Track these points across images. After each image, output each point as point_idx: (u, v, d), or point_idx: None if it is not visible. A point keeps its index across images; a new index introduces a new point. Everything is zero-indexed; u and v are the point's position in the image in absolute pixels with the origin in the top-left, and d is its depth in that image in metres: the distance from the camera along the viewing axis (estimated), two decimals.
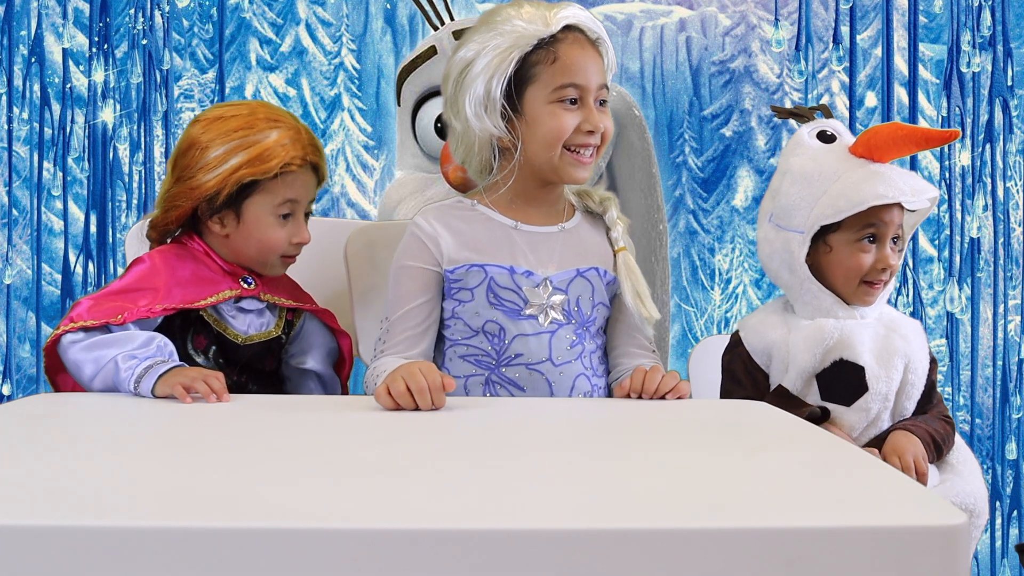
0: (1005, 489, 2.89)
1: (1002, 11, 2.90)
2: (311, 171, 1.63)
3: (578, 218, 1.66)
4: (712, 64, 2.87)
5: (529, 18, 1.56)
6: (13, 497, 0.89)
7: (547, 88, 1.55)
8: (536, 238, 1.60)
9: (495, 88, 1.55)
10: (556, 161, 1.56)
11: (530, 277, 1.57)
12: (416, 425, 1.28)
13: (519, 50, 1.55)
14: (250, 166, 1.57)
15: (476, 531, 0.84)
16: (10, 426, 1.22)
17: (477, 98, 1.55)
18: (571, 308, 1.59)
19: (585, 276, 1.60)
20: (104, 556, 0.81)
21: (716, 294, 2.86)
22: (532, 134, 1.56)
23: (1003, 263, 2.90)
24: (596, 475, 1.04)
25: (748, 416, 1.39)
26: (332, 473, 1.02)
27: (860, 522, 0.87)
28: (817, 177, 1.63)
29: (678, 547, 0.83)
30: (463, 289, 1.57)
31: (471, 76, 1.56)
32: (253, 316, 1.64)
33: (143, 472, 1.01)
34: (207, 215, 1.60)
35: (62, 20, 2.75)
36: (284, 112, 1.65)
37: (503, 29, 1.56)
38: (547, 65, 1.55)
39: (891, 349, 1.64)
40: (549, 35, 1.55)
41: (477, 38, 1.58)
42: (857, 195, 1.59)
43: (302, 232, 1.64)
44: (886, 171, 1.61)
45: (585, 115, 1.56)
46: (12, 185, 2.74)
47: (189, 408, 1.35)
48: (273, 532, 0.82)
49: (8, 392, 2.74)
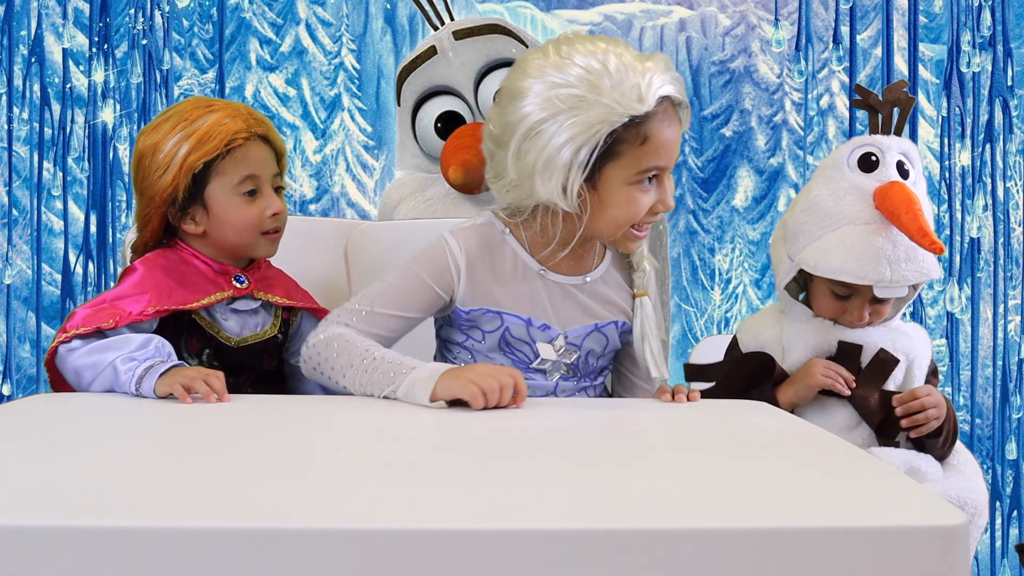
0: (1005, 489, 2.89)
1: (1002, 11, 2.90)
2: (262, 142, 1.61)
3: (607, 263, 1.57)
4: (712, 64, 2.87)
5: (621, 87, 1.39)
6: (13, 497, 0.89)
7: (631, 170, 1.43)
8: (559, 291, 1.52)
9: (580, 163, 1.40)
10: (618, 236, 1.49)
11: (546, 331, 1.51)
12: (416, 425, 1.28)
13: (609, 126, 1.39)
14: (196, 150, 1.56)
15: (476, 531, 0.84)
16: (10, 426, 1.22)
17: (555, 166, 1.41)
18: (579, 363, 1.54)
19: (602, 331, 1.54)
20: (104, 556, 0.81)
21: (716, 294, 2.86)
22: (602, 211, 1.45)
23: (1003, 263, 2.90)
24: (596, 475, 1.04)
25: (748, 416, 1.39)
26: (332, 473, 1.02)
27: (860, 522, 0.87)
28: (821, 216, 1.60)
29: (678, 547, 0.83)
30: (476, 329, 1.52)
31: (548, 139, 1.40)
32: (247, 317, 1.63)
33: (143, 472, 1.01)
34: (177, 218, 1.60)
35: (62, 20, 2.75)
36: (219, 99, 1.66)
37: (588, 97, 1.39)
38: (635, 146, 1.42)
39: (894, 345, 1.64)
40: (643, 112, 1.41)
41: (549, 92, 1.41)
42: (838, 263, 1.56)
43: (273, 203, 1.61)
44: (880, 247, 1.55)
45: (660, 196, 1.46)
46: (12, 185, 2.74)
47: (189, 408, 1.35)
48: (273, 532, 0.82)
49: (8, 392, 2.74)
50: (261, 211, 1.60)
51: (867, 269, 1.55)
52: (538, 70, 1.43)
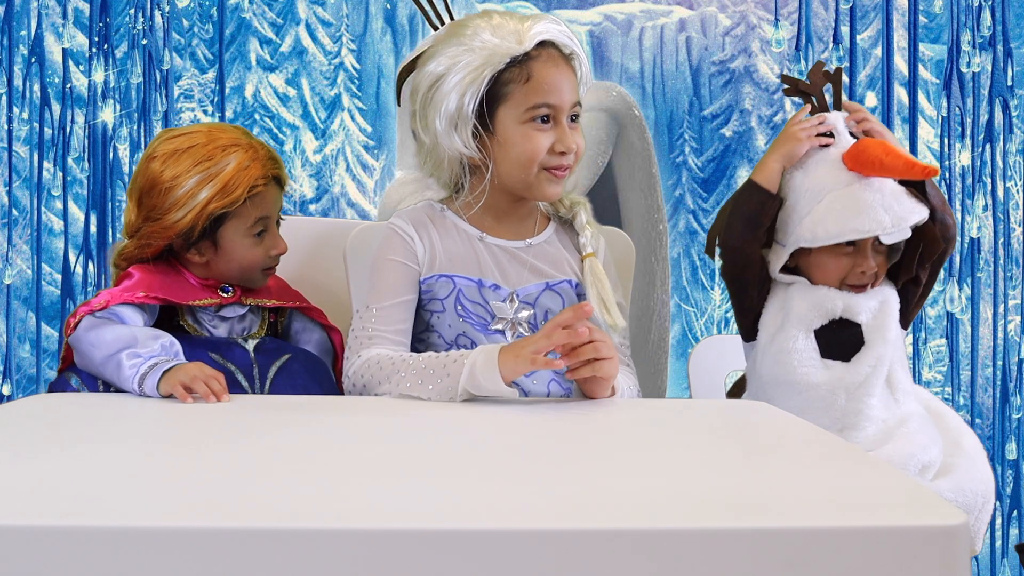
0: (1005, 489, 2.89)
1: (1002, 11, 2.90)
2: (275, 184, 1.64)
3: (550, 230, 1.64)
4: (712, 64, 2.87)
5: (501, 34, 1.52)
6: (13, 497, 0.89)
7: (520, 108, 1.52)
8: (502, 253, 1.59)
9: (467, 106, 1.52)
10: (531, 180, 1.54)
11: (497, 291, 1.56)
12: (415, 426, 1.28)
13: (491, 68, 1.51)
14: (219, 198, 1.57)
15: (476, 531, 0.84)
16: (10, 426, 1.22)
17: (448, 115, 1.53)
18: (539, 322, 1.57)
19: (555, 289, 1.59)
20: (104, 556, 0.81)
21: (716, 294, 2.86)
22: (504, 154, 1.54)
23: (1003, 263, 2.90)
24: (596, 475, 1.04)
25: (749, 416, 1.39)
26: (332, 473, 1.02)
27: (860, 522, 0.87)
28: (804, 193, 1.64)
29: (677, 547, 0.83)
30: (434, 299, 1.57)
31: (442, 92, 1.53)
32: (234, 322, 1.65)
33: (143, 472, 1.01)
34: (183, 249, 1.62)
35: (62, 20, 2.75)
36: (236, 129, 1.65)
37: (474, 45, 1.52)
38: (520, 84, 1.52)
39: (887, 312, 1.67)
40: (522, 53, 1.52)
41: (447, 51, 1.54)
42: (836, 226, 1.61)
43: (278, 243, 1.66)
44: (870, 198, 1.61)
45: (558, 135, 1.53)
46: (12, 185, 2.74)
47: (189, 408, 1.35)
48: (273, 532, 0.82)
49: (8, 392, 2.74)
50: (267, 251, 1.64)
51: (865, 222, 1.60)
52: (440, 40, 1.57)
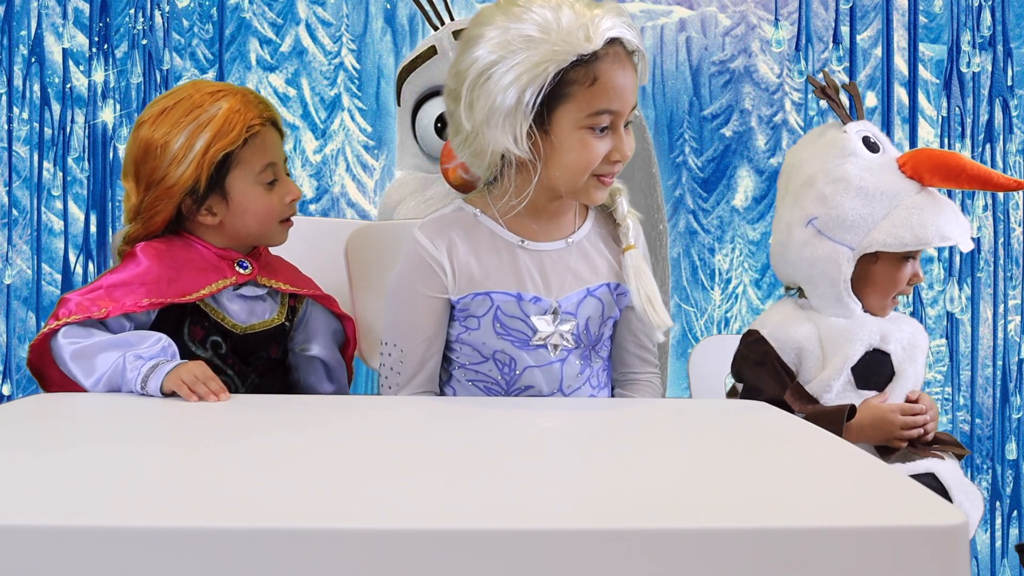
0: (1005, 489, 2.89)
1: (1002, 11, 2.90)
2: (273, 128, 1.61)
3: (590, 222, 1.55)
4: (712, 64, 2.87)
5: (569, 25, 1.39)
6: (13, 497, 0.89)
7: (581, 112, 1.42)
8: (543, 258, 1.50)
9: (527, 104, 1.39)
10: (579, 186, 1.46)
11: (538, 303, 1.49)
12: (416, 425, 1.28)
13: (556, 65, 1.39)
14: (217, 141, 1.54)
15: (476, 531, 0.84)
16: (10, 426, 1.22)
17: (502, 110, 1.40)
18: (580, 332, 1.51)
19: (595, 295, 1.52)
20: (104, 556, 0.81)
21: (716, 294, 2.86)
22: (557, 158, 1.44)
23: (1003, 263, 2.90)
24: (596, 475, 1.04)
25: (748, 416, 1.39)
26: (332, 473, 1.02)
27: (860, 522, 0.87)
28: (878, 196, 1.63)
29: (678, 547, 0.83)
30: (471, 317, 1.50)
31: (496, 83, 1.40)
32: (254, 303, 1.61)
33: (143, 472, 1.01)
34: (194, 210, 1.57)
35: (62, 20, 2.75)
36: (221, 83, 1.64)
37: (536, 37, 1.39)
38: (584, 87, 1.41)
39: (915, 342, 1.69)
40: (591, 52, 1.40)
41: (501, 37, 1.40)
42: (924, 232, 1.62)
43: (291, 189, 1.61)
44: (947, 208, 1.64)
45: (615, 143, 1.44)
46: (12, 185, 2.74)
47: (189, 408, 1.35)
48: (273, 532, 0.82)
49: (8, 392, 2.74)
50: (281, 198, 1.60)
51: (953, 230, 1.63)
52: (491, 18, 1.43)
